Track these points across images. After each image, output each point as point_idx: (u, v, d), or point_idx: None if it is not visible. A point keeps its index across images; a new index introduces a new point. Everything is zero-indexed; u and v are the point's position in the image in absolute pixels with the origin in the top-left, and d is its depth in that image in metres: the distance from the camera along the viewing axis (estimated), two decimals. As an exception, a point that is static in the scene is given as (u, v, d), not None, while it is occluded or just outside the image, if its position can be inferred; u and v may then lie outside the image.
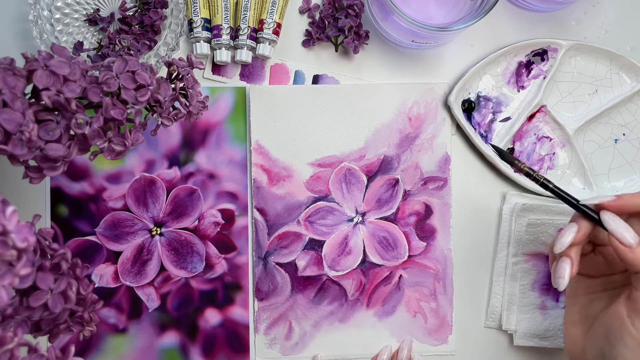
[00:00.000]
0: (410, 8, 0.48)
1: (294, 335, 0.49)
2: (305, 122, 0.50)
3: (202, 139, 0.50)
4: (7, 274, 0.27)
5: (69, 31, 0.49)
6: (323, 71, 0.51)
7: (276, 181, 0.49)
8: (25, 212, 0.48)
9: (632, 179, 0.51)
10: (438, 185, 0.50)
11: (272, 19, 0.49)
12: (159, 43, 0.49)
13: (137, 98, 0.34)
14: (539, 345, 0.50)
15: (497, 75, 0.51)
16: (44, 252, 0.35)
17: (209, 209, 0.49)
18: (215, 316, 0.49)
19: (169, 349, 0.49)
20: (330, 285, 0.49)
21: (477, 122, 0.50)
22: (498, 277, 0.50)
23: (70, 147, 0.32)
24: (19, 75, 0.31)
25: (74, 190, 0.49)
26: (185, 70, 0.38)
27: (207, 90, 0.50)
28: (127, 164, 0.49)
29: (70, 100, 0.31)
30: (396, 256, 0.50)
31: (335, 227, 0.50)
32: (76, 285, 0.36)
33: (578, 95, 0.51)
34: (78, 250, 0.49)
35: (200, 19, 0.49)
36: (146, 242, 0.49)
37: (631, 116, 0.51)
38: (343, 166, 0.50)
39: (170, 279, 0.49)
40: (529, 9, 0.52)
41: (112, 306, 0.49)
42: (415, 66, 0.51)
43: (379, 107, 0.50)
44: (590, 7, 0.52)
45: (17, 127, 0.30)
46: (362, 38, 0.49)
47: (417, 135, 0.50)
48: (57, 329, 0.37)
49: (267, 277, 0.49)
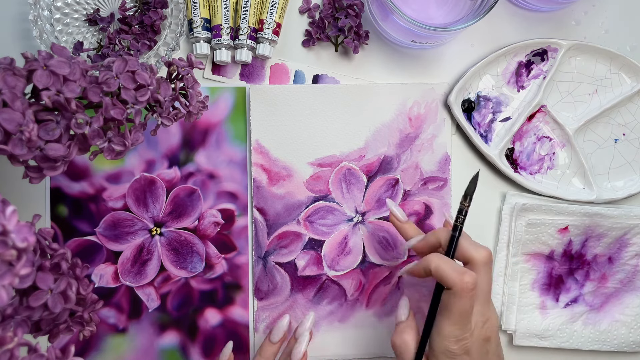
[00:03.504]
0: (410, 8, 0.48)
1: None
2: (305, 122, 0.50)
3: (202, 138, 0.50)
4: (7, 274, 0.27)
5: (69, 31, 0.49)
6: (323, 71, 0.51)
7: (276, 181, 0.49)
8: (25, 212, 0.48)
9: (632, 179, 0.51)
10: (438, 186, 0.50)
11: (272, 19, 0.49)
12: (159, 43, 0.49)
13: (137, 98, 0.34)
14: (539, 345, 0.50)
15: (497, 75, 0.51)
16: (44, 252, 0.35)
17: (209, 209, 0.49)
18: (215, 316, 0.49)
19: (169, 349, 0.49)
20: (329, 285, 0.49)
21: (477, 122, 0.50)
22: (498, 277, 0.50)
23: (70, 147, 0.32)
24: (19, 75, 0.31)
25: (74, 190, 0.49)
26: (185, 70, 0.38)
27: (207, 90, 0.50)
28: (127, 164, 0.49)
29: (70, 100, 0.31)
30: (396, 256, 0.50)
31: (335, 226, 0.50)
32: (76, 285, 0.36)
33: (578, 95, 0.51)
34: (78, 250, 0.49)
35: (200, 19, 0.49)
36: (146, 242, 0.49)
37: (631, 116, 0.51)
38: (343, 166, 0.50)
39: (170, 279, 0.49)
40: (529, 9, 0.52)
41: (112, 306, 0.49)
42: (415, 66, 0.51)
43: (379, 107, 0.50)
44: (590, 7, 0.52)
45: (17, 127, 0.30)
46: (362, 38, 0.49)
47: (417, 135, 0.50)
48: (57, 329, 0.37)
49: (267, 277, 0.49)
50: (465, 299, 0.36)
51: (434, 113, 0.50)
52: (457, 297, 0.36)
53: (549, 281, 0.50)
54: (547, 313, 0.50)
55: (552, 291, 0.50)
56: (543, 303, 0.50)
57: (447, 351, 0.37)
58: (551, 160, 0.51)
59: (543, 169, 0.51)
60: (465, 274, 0.36)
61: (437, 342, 0.37)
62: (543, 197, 0.50)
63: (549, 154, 0.51)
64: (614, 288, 0.51)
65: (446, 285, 0.37)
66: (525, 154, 0.51)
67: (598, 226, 0.50)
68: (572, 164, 0.51)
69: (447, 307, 0.37)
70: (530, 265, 0.50)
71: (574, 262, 0.51)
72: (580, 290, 0.50)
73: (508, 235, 0.50)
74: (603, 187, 0.51)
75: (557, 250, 0.50)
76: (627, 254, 0.50)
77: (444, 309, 0.37)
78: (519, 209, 0.49)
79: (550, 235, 0.50)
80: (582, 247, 0.50)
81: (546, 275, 0.50)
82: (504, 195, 0.51)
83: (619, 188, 0.51)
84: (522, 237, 0.50)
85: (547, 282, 0.50)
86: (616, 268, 0.50)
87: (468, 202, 0.39)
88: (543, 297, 0.50)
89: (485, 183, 0.51)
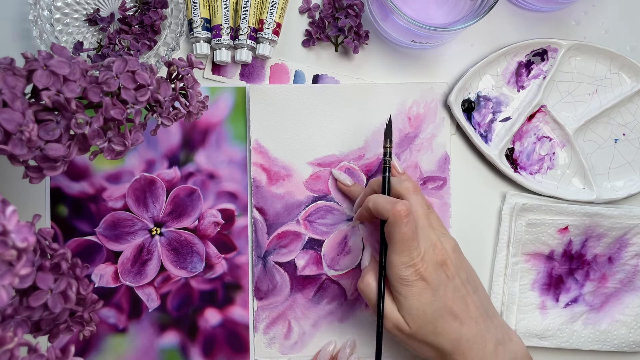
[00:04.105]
0: (410, 8, 0.48)
1: (293, 334, 0.49)
2: (305, 121, 0.50)
3: (202, 138, 0.50)
4: (7, 274, 0.27)
5: (69, 31, 0.49)
6: (323, 71, 0.51)
7: (276, 180, 0.49)
8: (25, 212, 0.48)
9: (632, 179, 0.51)
10: (437, 185, 0.50)
11: (272, 19, 0.49)
12: (159, 43, 0.49)
13: (137, 98, 0.34)
14: (539, 345, 0.50)
15: (497, 75, 0.51)
16: (44, 252, 0.35)
17: (209, 209, 0.49)
18: (215, 316, 0.49)
19: (169, 349, 0.49)
20: (329, 284, 0.49)
21: (477, 122, 0.50)
22: (498, 277, 0.50)
23: (70, 147, 0.32)
24: (19, 75, 0.31)
25: (74, 190, 0.49)
26: (185, 70, 0.38)
27: (207, 90, 0.50)
28: (127, 164, 0.49)
29: (70, 100, 0.31)
30: (396, 256, 0.50)
31: (334, 226, 0.50)
32: (76, 285, 0.36)
33: (578, 95, 0.51)
34: (78, 250, 0.49)
35: (200, 19, 0.49)
36: (146, 242, 0.49)
37: (631, 116, 0.51)
38: (342, 166, 0.50)
39: (170, 279, 0.49)
40: (529, 9, 0.52)
41: (112, 306, 0.49)
42: (415, 66, 0.51)
43: (379, 107, 0.50)
44: (590, 7, 0.52)
45: (17, 127, 0.30)
46: (362, 38, 0.49)
47: (417, 135, 0.50)
48: (57, 329, 0.37)
49: (267, 277, 0.49)
50: (401, 225, 0.38)
51: (434, 113, 0.50)
52: (394, 225, 0.38)
53: (549, 281, 0.50)
54: (547, 313, 0.50)
55: (552, 291, 0.50)
56: (543, 303, 0.50)
57: (400, 279, 0.39)
58: (551, 160, 0.51)
59: (543, 169, 0.51)
60: (397, 203, 0.38)
61: (390, 272, 0.39)
62: (543, 197, 0.50)
63: (549, 154, 0.51)
64: (614, 288, 0.51)
65: (383, 218, 0.39)
66: (525, 154, 0.51)
67: (598, 226, 0.50)
68: (572, 164, 0.51)
69: (390, 237, 0.39)
70: (530, 265, 0.50)
71: (574, 262, 0.51)
72: (580, 290, 0.50)
73: (508, 235, 0.50)
74: (603, 187, 0.51)
75: (557, 250, 0.50)
76: (627, 254, 0.50)
77: (389, 242, 0.39)
78: (519, 209, 0.49)
79: (550, 235, 0.50)
80: (582, 247, 0.50)
81: (546, 275, 0.50)
82: (504, 195, 0.51)
83: (619, 188, 0.51)
84: (522, 237, 0.50)
85: (547, 282, 0.50)
86: (616, 268, 0.50)
87: (390, 143, 0.43)
88: (543, 297, 0.50)
89: (485, 183, 0.51)
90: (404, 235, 0.38)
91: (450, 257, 0.40)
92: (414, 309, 0.39)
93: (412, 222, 0.38)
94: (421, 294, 0.39)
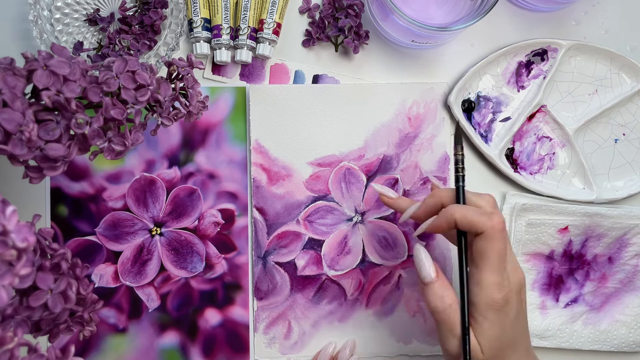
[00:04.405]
0: (410, 8, 0.48)
1: (293, 334, 0.49)
2: (305, 121, 0.50)
3: (202, 138, 0.50)
4: (7, 274, 0.27)
5: (69, 31, 0.49)
6: (323, 71, 0.51)
7: (276, 180, 0.49)
8: (25, 212, 0.48)
9: (632, 179, 0.51)
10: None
11: (272, 19, 0.49)
12: (159, 43, 0.49)
13: (137, 98, 0.34)
14: (539, 345, 0.50)
15: (497, 75, 0.51)
16: (44, 252, 0.35)
17: (209, 209, 0.49)
18: (215, 316, 0.49)
19: (169, 349, 0.49)
20: (329, 284, 0.49)
21: (477, 122, 0.50)
22: (498, 277, 0.50)
23: (70, 147, 0.32)
24: (19, 75, 0.31)
25: (74, 190, 0.49)
26: (185, 70, 0.38)
27: (207, 90, 0.50)
28: (127, 164, 0.49)
29: (70, 100, 0.31)
30: (395, 256, 0.50)
31: (334, 226, 0.50)
32: (76, 285, 0.36)
33: (578, 95, 0.51)
34: (78, 250, 0.49)
35: (200, 19, 0.49)
36: (146, 242, 0.49)
37: (631, 116, 0.51)
38: (342, 166, 0.50)
39: (170, 279, 0.49)
40: (529, 9, 0.52)
41: (112, 306, 0.49)
42: (415, 66, 0.51)
43: (379, 107, 0.50)
44: (590, 7, 0.52)
45: (17, 127, 0.30)
46: (362, 38, 0.49)
47: (417, 135, 0.50)
48: (57, 329, 0.37)
49: (267, 277, 0.49)
50: (499, 240, 0.34)
51: (434, 113, 0.50)
52: (491, 240, 0.34)
53: (549, 281, 0.50)
54: (547, 313, 0.50)
55: (552, 291, 0.50)
56: (543, 303, 0.50)
57: (492, 302, 0.34)
58: (551, 160, 0.51)
59: (543, 169, 0.51)
60: (494, 215, 0.35)
61: (479, 294, 0.35)
62: (543, 197, 0.50)
63: (549, 154, 0.51)
64: (614, 288, 0.51)
65: (477, 231, 0.35)
66: (525, 154, 0.51)
67: (598, 226, 0.50)
68: (572, 164, 0.51)
69: (483, 254, 0.35)
70: (530, 265, 0.50)
71: (574, 262, 0.51)
72: (580, 290, 0.50)
73: (508, 235, 0.50)
74: (603, 187, 0.51)
75: (557, 250, 0.50)
76: (627, 254, 0.50)
77: (479, 258, 0.35)
78: (519, 209, 0.49)
79: (550, 235, 0.50)
80: (582, 247, 0.50)
81: (546, 275, 0.50)
82: (504, 195, 0.51)
83: (619, 188, 0.51)
84: (522, 237, 0.50)
85: (547, 282, 0.50)
86: (616, 268, 0.50)
87: (461, 150, 0.40)
88: (543, 297, 0.50)
89: (485, 183, 0.51)
90: (500, 252, 0.34)
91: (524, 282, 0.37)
92: (494, 336, 0.35)
93: (506, 237, 0.35)
94: (504, 320, 0.35)
